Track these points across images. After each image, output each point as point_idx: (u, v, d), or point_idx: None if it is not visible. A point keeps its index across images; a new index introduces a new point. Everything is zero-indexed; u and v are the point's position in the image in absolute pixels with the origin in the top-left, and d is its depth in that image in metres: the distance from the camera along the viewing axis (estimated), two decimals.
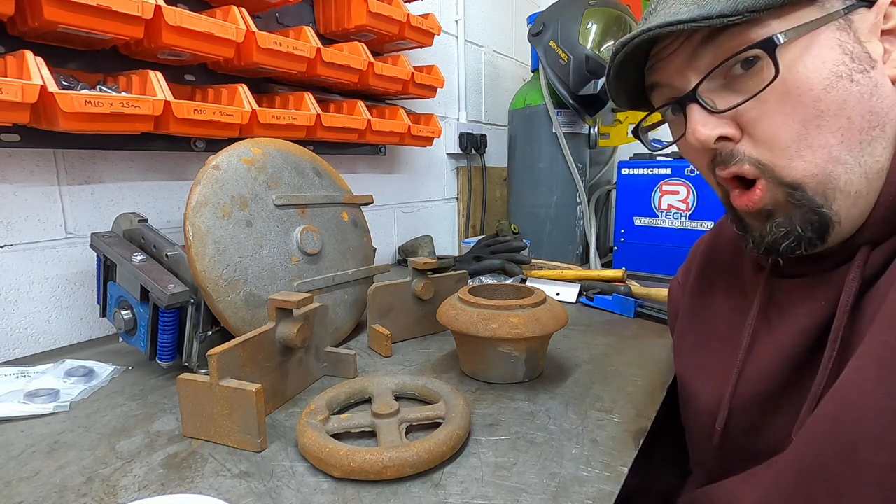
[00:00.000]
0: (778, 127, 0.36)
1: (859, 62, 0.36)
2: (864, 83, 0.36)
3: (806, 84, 0.35)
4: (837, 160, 0.36)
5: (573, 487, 0.41)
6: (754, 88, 0.37)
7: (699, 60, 0.39)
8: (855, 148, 0.36)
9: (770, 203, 0.38)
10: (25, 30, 0.64)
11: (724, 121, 0.38)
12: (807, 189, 0.37)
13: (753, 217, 0.40)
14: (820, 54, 0.36)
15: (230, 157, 0.66)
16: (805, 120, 0.36)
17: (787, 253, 0.39)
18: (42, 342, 0.74)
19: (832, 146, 0.36)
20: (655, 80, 0.44)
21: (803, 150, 0.36)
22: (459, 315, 0.60)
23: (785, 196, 0.38)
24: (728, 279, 0.54)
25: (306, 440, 0.44)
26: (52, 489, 0.42)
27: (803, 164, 0.36)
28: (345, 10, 1.00)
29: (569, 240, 1.37)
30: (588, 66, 1.18)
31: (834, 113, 0.35)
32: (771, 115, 0.36)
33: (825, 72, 0.35)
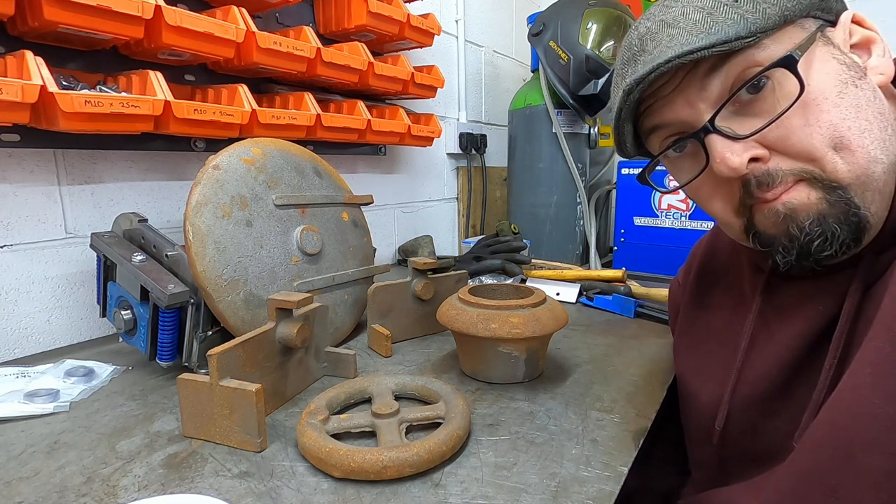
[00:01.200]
0: (809, 136, 0.36)
1: (855, 70, 0.37)
2: (866, 88, 0.37)
3: (821, 94, 0.36)
4: (877, 160, 0.36)
5: (573, 487, 0.41)
6: (771, 108, 0.36)
7: (708, 91, 0.38)
8: (885, 147, 0.36)
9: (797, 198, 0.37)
10: (25, 30, 0.64)
11: (749, 145, 0.38)
12: (850, 189, 0.36)
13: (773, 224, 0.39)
14: (823, 67, 0.37)
15: (230, 157, 0.66)
16: (834, 123, 0.36)
17: (817, 254, 0.37)
18: (42, 342, 0.74)
19: (869, 147, 0.36)
20: (659, 122, 0.42)
21: (843, 152, 0.36)
22: (459, 315, 0.60)
23: (823, 193, 0.37)
24: (727, 279, 0.54)
25: (306, 440, 0.44)
26: (52, 489, 0.42)
27: (847, 166, 0.36)
28: (345, 10, 1.00)
29: (569, 240, 1.37)
30: (588, 66, 1.18)
31: (854, 115, 0.36)
32: (799, 129, 0.36)
33: (833, 80, 0.36)
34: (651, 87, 0.40)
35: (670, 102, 0.40)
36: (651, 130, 0.44)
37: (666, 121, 0.42)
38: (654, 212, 1.19)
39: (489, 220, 1.62)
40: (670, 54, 0.37)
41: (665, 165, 0.46)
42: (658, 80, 0.39)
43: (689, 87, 0.39)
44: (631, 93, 0.39)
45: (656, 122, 0.42)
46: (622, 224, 1.25)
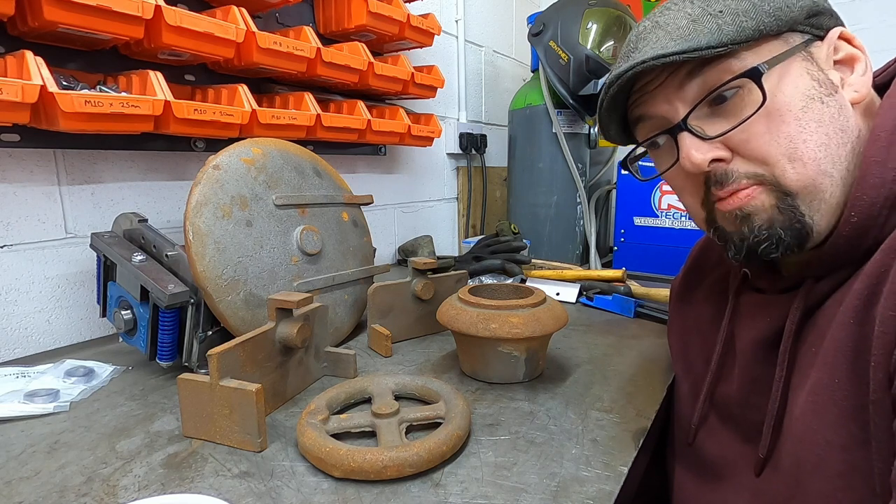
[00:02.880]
0: (767, 144, 0.39)
1: (825, 87, 0.40)
2: (832, 105, 0.39)
3: (786, 106, 0.38)
4: (826, 173, 0.39)
5: (573, 487, 0.41)
6: (740, 114, 0.39)
7: (685, 91, 0.41)
8: (837, 163, 0.39)
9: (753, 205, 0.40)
10: (25, 30, 0.64)
11: (715, 145, 0.41)
12: (798, 197, 0.39)
13: (731, 221, 0.42)
14: (793, 81, 0.39)
15: (230, 157, 0.66)
16: (791, 136, 0.38)
17: (764, 255, 0.41)
18: (42, 342, 0.74)
19: (820, 160, 0.38)
20: (642, 113, 0.45)
21: (795, 163, 0.39)
22: (459, 315, 0.60)
23: (775, 201, 0.40)
24: (715, 275, 0.57)
25: (306, 440, 0.44)
26: (53, 489, 0.42)
27: (797, 175, 0.39)
28: (345, 10, 1.00)
29: (569, 240, 1.37)
30: (588, 66, 1.18)
31: (814, 130, 0.38)
32: (760, 135, 0.39)
33: (800, 95, 0.39)
34: (638, 83, 0.44)
35: (653, 98, 0.44)
36: (637, 120, 0.47)
37: (648, 114, 0.45)
38: (654, 212, 1.19)
39: (489, 220, 1.62)
40: (649, 55, 0.39)
41: (650, 155, 0.50)
42: (642, 76, 0.43)
43: (670, 87, 0.42)
44: (611, 86, 0.43)
45: (640, 114, 0.46)
46: (622, 224, 1.25)
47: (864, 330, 0.35)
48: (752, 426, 0.45)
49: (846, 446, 0.34)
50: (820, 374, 0.37)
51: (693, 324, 0.57)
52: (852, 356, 0.35)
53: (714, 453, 0.49)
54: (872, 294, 0.35)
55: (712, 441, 0.50)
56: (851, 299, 0.36)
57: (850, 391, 0.35)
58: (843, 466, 0.35)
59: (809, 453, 0.37)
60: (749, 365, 0.46)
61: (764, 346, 0.45)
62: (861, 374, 0.34)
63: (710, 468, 0.49)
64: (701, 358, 0.54)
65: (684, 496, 0.53)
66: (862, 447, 0.34)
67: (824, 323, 0.39)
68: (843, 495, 0.35)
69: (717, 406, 0.50)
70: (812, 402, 0.37)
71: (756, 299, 0.47)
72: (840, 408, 0.35)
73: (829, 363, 0.37)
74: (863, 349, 0.34)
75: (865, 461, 0.33)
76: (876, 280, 0.35)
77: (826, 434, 0.36)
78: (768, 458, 0.42)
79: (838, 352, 0.36)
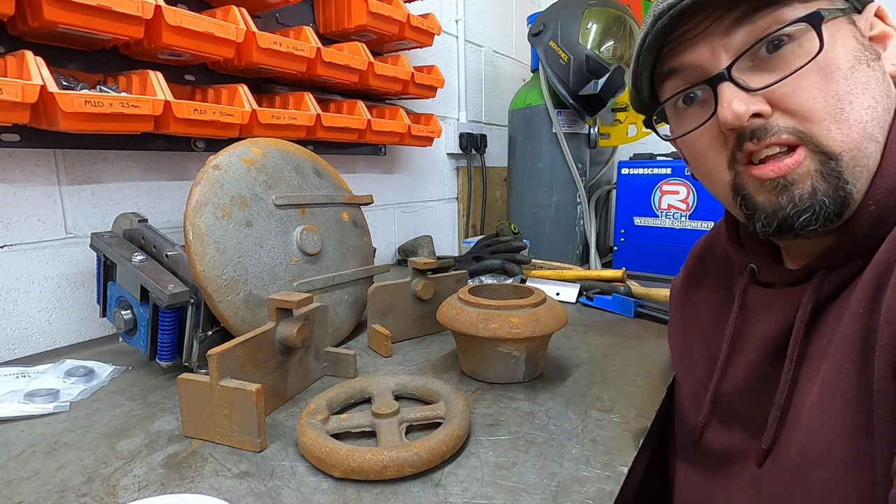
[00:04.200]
0: (815, 99, 0.37)
1: (870, 52, 0.38)
2: (878, 69, 0.38)
3: (835, 63, 0.37)
4: (871, 137, 0.37)
5: (573, 487, 0.41)
6: (787, 66, 0.37)
7: (732, 38, 0.39)
8: (882, 126, 0.37)
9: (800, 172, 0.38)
10: (25, 30, 0.64)
11: (757, 98, 0.38)
12: (842, 161, 0.37)
13: (768, 191, 0.39)
14: (842, 40, 0.38)
15: (230, 157, 0.66)
16: (839, 95, 0.37)
17: (802, 228, 0.38)
18: (42, 342, 0.74)
19: (866, 122, 0.37)
20: (677, 65, 0.42)
21: (840, 124, 0.36)
22: (459, 315, 0.60)
23: (818, 166, 0.37)
24: (718, 274, 0.56)
25: (306, 440, 0.44)
26: (53, 489, 0.42)
27: (841, 136, 0.36)
28: (345, 10, 1.00)
29: (569, 240, 1.37)
30: (588, 66, 1.18)
31: (861, 91, 0.37)
32: (807, 90, 0.37)
33: (849, 54, 0.37)
34: (677, 30, 0.41)
35: (693, 46, 0.40)
36: (668, 75, 0.44)
37: (684, 63, 0.42)
38: (654, 212, 1.19)
39: (489, 220, 1.62)
40: None
41: (669, 117, 0.47)
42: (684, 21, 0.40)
43: (714, 33, 0.39)
44: (662, 16, 0.39)
45: (675, 66, 0.43)
46: (622, 224, 1.25)
47: (872, 320, 0.34)
48: (757, 420, 0.44)
49: (851, 436, 0.34)
50: (829, 366, 0.37)
51: (695, 324, 0.57)
52: (861, 347, 0.35)
53: (719, 450, 0.49)
54: (880, 284, 0.34)
55: (718, 438, 0.49)
56: (861, 289, 0.36)
57: (856, 382, 0.34)
58: (848, 456, 0.34)
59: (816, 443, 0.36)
60: (758, 361, 0.45)
61: (774, 341, 0.44)
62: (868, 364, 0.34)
63: (714, 465, 0.49)
64: (704, 357, 0.53)
65: (686, 494, 0.52)
66: (865, 437, 0.33)
67: (837, 315, 0.38)
68: (846, 485, 0.34)
69: (723, 404, 0.50)
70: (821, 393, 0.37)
71: (764, 294, 0.46)
72: (847, 398, 0.35)
73: (839, 354, 0.36)
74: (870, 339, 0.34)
75: (868, 451, 0.33)
76: (884, 269, 0.34)
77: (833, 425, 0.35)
78: (771, 450, 0.42)
79: (847, 343, 0.36)
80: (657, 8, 0.40)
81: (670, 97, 0.44)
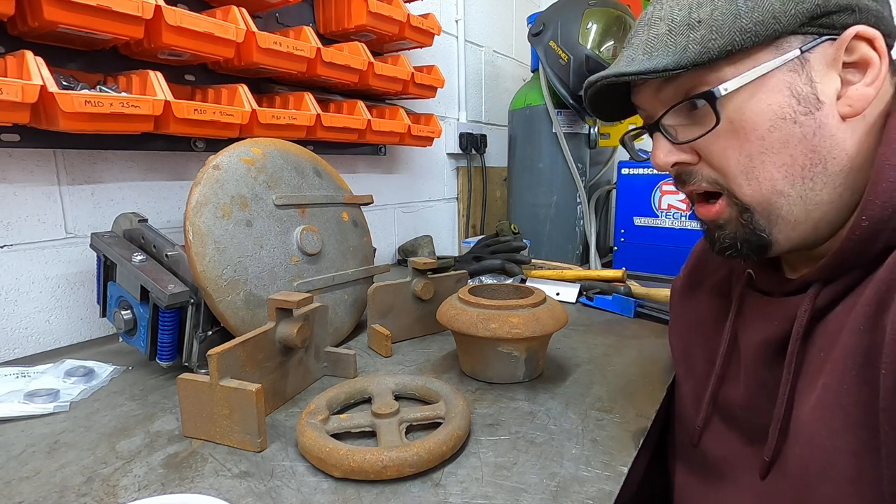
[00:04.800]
0: (728, 158, 0.41)
1: (805, 104, 0.38)
2: (807, 124, 0.38)
3: (751, 124, 0.39)
4: (781, 193, 0.39)
5: (573, 487, 0.41)
6: (706, 126, 0.40)
7: (663, 94, 0.43)
8: (797, 183, 0.39)
9: (724, 218, 0.43)
10: (25, 30, 0.64)
11: (683, 149, 0.43)
12: (754, 213, 0.41)
13: (708, 226, 0.46)
14: (766, 98, 0.38)
15: (230, 157, 0.66)
16: (751, 155, 0.39)
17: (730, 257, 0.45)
18: (42, 342, 0.74)
19: (776, 180, 0.39)
20: (636, 103, 0.47)
21: (751, 181, 0.40)
22: (459, 315, 0.60)
23: (737, 214, 0.42)
24: (718, 275, 0.57)
25: (306, 440, 0.44)
26: (52, 489, 0.42)
27: (751, 191, 0.40)
28: (345, 10, 1.00)
29: (569, 240, 1.37)
30: (588, 66, 1.18)
31: (777, 150, 0.39)
32: (722, 149, 0.41)
33: (770, 114, 0.38)
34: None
35: (641, 93, 0.45)
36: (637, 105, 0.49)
37: (639, 104, 0.47)
38: (654, 212, 1.19)
39: (489, 220, 1.62)
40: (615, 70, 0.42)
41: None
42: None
43: (650, 88, 0.44)
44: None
45: (635, 102, 0.47)
46: (622, 224, 1.25)
47: (875, 337, 0.34)
48: (756, 429, 0.45)
49: (856, 452, 0.34)
50: (828, 380, 0.37)
51: (695, 324, 0.57)
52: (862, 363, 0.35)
53: (718, 455, 0.49)
54: (883, 301, 0.34)
55: (716, 443, 0.50)
56: (862, 306, 0.36)
57: (858, 397, 0.34)
58: (853, 472, 0.34)
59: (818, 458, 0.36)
60: (754, 368, 0.46)
61: (770, 350, 0.44)
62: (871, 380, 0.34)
63: (713, 470, 0.49)
64: (703, 359, 0.54)
65: (686, 497, 0.52)
66: (871, 454, 0.33)
67: (834, 328, 0.39)
68: (852, 500, 0.34)
69: (722, 408, 0.50)
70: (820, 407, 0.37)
71: (761, 301, 0.47)
72: (848, 414, 0.35)
73: (839, 369, 0.36)
74: (873, 356, 0.34)
75: (875, 468, 0.33)
76: (886, 287, 0.34)
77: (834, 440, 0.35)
78: (774, 462, 0.42)
79: (847, 358, 0.36)
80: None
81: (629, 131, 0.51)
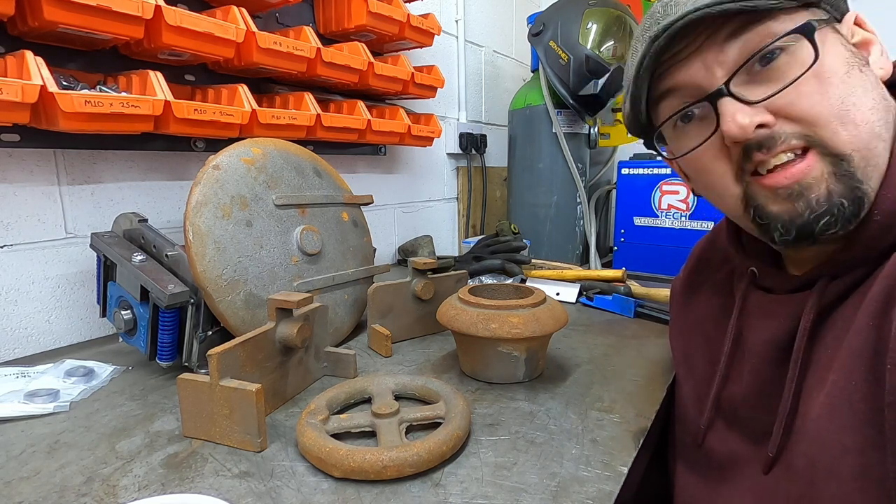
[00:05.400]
0: (818, 104, 0.37)
1: (859, 58, 0.39)
2: (869, 75, 0.39)
3: (831, 69, 0.37)
4: (879, 136, 0.37)
5: (573, 487, 0.41)
6: (784, 77, 0.37)
7: (726, 55, 0.39)
8: (888, 125, 0.38)
9: (813, 175, 0.37)
10: (25, 30, 0.64)
11: (759, 109, 0.38)
12: (853, 161, 0.37)
13: (783, 199, 0.39)
14: (832, 48, 0.38)
15: (230, 157, 0.66)
16: (842, 97, 0.37)
17: (823, 232, 0.38)
18: (42, 342, 0.74)
19: (873, 122, 0.37)
20: (673, 84, 0.42)
21: (847, 125, 0.37)
22: (459, 315, 0.60)
23: (830, 168, 0.37)
24: (719, 275, 0.56)
25: (306, 440, 0.44)
26: (52, 489, 0.42)
27: (849, 136, 0.36)
28: (345, 10, 1.00)
29: (569, 240, 1.37)
30: (588, 66, 1.18)
31: (861, 93, 0.37)
32: (810, 95, 0.37)
33: (842, 60, 0.38)
34: (669, 51, 0.41)
35: (687, 64, 0.41)
36: (663, 95, 0.44)
37: (680, 83, 0.42)
38: (654, 212, 1.19)
39: (489, 220, 1.62)
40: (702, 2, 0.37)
41: (667, 137, 0.46)
42: (676, 42, 0.40)
43: (708, 51, 0.40)
44: (657, 39, 0.39)
45: (670, 85, 0.43)
46: (622, 224, 1.25)
47: (882, 333, 0.34)
48: (761, 427, 0.44)
49: (862, 450, 0.34)
50: (837, 377, 0.37)
51: (696, 325, 0.56)
52: (870, 359, 0.34)
53: (721, 455, 0.49)
54: (890, 296, 0.34)
55: (720, 442, 0.49)
56: (870, 302, 0.36)
57: (866, 394, 0.34)
58: (858, 470, 0.34)
59: (825, 456, 0.36)
60: (760, 366, 0.45)
61: (776, 347, 0.44)
62: (878, 377, 0.34)
63: (716, 469, 0.49)
64: (705, 359, 0.53)
65: (688, 497, 0.52)
66: (877, 451, 0.33)
67: (841, 325, 0.39)
68: (858, 497, 0.34)
69: (726, 407, 0.49)
70: (828, 405, 0.37)
71: (765, 299, 0.46)
72: (856, 411, 0.35)
73: (847, 366, 0.36)
74: (880, 352, 0.34)
75: (880, 465, 0.33)
76: (893, 282, 0.34)
77: (842, 437, 0.35)
78: (777, 458, 0.42)
79: (855, 355, 0.35)
80: (650, 31, 0.40)
81: (670, 116, 0.44)
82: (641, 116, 0.46)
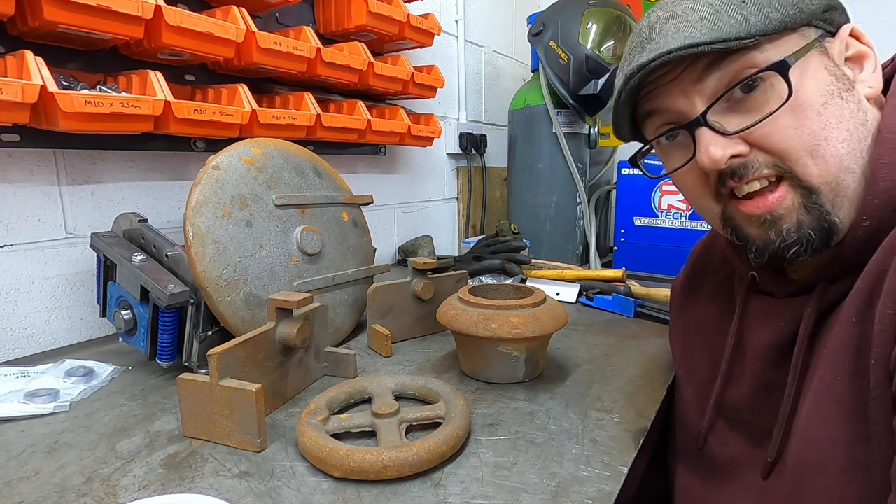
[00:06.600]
0: (790, 138, 0.38)
1: (843, 82, 0.39)
2: (851, 100, 0.39)
3: (808, 101, 0.38)
4: (848, 169, 0.38)
5: (573, 487, 0.41)
6: (762, 109, 0.38)
7: (704, 85, 0.40)
8: (858, 157, 0.38)
9: (785, 206, 0.39)
10: (25, 30, 0.64)
11: (733, 140, 0.40)
12: (821, 194, 0.38)
13: (757, 226, 0.41)
14: (814, 76, 0.38)
15: (230, 157, 0.66)
16: (814, 132, 0.38)
17: (793, 259, 0.40)
18: (42, 342, 0.74)
19: (842, 155, 0.38)
20: (655, 107, 0.44)
21: (817, 159, 0.38)
22: (459, 315, 0.60)
23: (801, 199, 0.39)
24: (719, 276, 0.57)
25: (306, 440, 0.44)
26: (52, 489, 0.42)
27: (818, 171, 0.38)
28: (345, 10, 1.00)
29: (569, 240, 1.37)
30: (588, 66, 1.18)
31: (836, 125, 0.38)
32: (783, 129, 0.38)
33: (821, 90, 0.38)
34: (652, 75, 0.42)
35: (668, 91, 0.42)
36: (647, 115, 0.45)
37: (661, 108, 0.43)
38: (654, 212, 1.19)
39: (489, 220, 1.62)
40: (673, 45, 0.38)
41: (656, 152, 0.48)
42: (659, 68, 0.41)
43: (687, 80, 0.41)
44: (632, 77, 0.41)
45: (653, 108, 0.44)
46: (622, 224, 1.25)
47: (865, 328, 0.35)
48: (761, 430, 0.45)
49: (849, 442, 0.35)
50: (823, 373, 0.37)
51: (696, 326, 0.56)
52: (854, 354, 0.35)
53: (722, 457, 0.49)
54: (872, 292, 0.35)
55: (721, 445, 0.49)
56: (853, 298, 0.36)
57: (852, 388, 0.35)
58: (846, 462, 0.35)
59: (814, 451, 0.37)
60: (760, 370, 0.46)
61: (776, 351, 0.44)
62: (862, 371, 0.34)
63: (716, 472, 0.49)
64: (705, 361, 0.53)
65: (689, 499, 0.52)
66: (864, 443, 0.34)
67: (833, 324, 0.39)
68: (846, 490, 0.35)
69: (727, 410, 0.50)
70: (816, 400, 0.38)
71: (766, 303, 0.47)
72: (842, 405, 0.35)
73: (832, 362, 0.37)
74: (864, 347, 0.34)
75: (867, 457, 0.34)
76: (875, 279, 0.35)
77: (830, 431, 0.36)
78: (776, 462, 0.42)
79: (840, 350, 0.36)
80: (629, 68, 0.41)
81: (653, 138, 0.46)
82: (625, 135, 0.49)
